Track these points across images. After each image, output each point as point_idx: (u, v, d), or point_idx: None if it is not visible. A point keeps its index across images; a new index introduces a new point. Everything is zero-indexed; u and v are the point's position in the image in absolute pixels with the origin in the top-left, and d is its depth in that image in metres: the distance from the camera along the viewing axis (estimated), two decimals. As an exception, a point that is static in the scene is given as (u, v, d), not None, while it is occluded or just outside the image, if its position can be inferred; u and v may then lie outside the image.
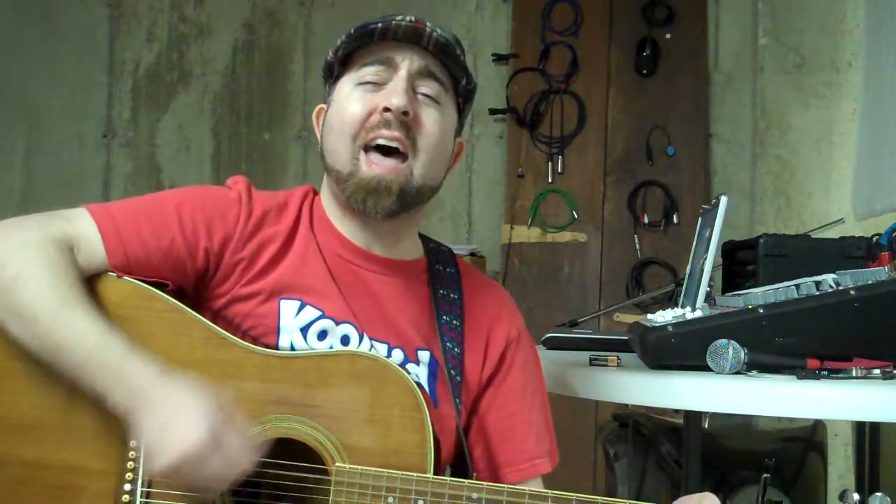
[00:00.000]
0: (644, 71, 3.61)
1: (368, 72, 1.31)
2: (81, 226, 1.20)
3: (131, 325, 1.19)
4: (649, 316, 1.69)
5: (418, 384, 1.24)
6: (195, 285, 1.25)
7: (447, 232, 3.72)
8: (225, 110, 4.10)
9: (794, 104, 3.50)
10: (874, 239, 1.90)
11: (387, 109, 1.25)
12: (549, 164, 3.65)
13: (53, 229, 1.18)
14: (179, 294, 1.25)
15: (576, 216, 3.61)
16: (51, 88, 4.13)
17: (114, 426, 1.15)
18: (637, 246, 3.56)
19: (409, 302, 1.32)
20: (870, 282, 1.54)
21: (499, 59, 3.80)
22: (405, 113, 1.25)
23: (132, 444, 1.16)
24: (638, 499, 2.28)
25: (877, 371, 1.45)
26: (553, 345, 2.05)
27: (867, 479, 2.41)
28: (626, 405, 2.49)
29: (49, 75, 4.12)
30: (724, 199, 1.75)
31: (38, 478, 1.17)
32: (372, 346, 1.27)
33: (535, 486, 1.32)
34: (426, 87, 1.29)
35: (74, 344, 1.12)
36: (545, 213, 3.64)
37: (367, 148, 1.26)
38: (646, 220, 3.57)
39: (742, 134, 3.64)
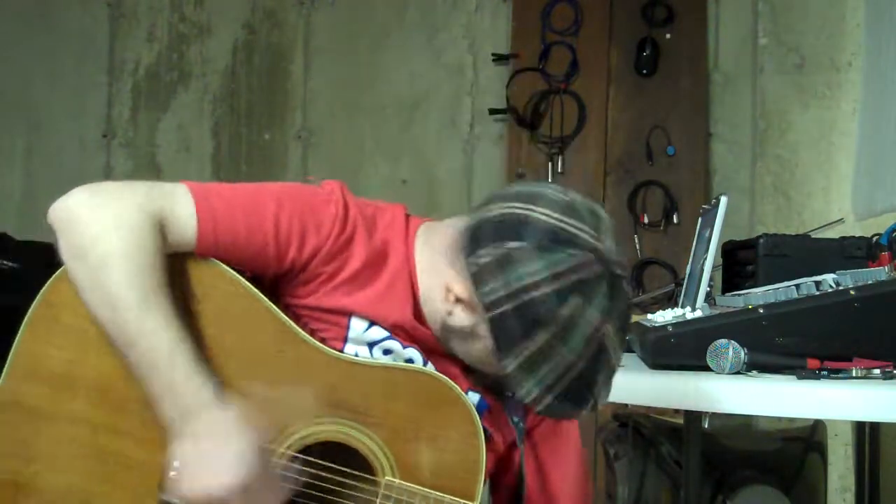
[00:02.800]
0: (644, 71, 3.60)
1: None
2: (180, 206, 1.18)
3: (208, 305, 1.19)
4: (649, 316, 1.69)
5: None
6: (273, 280, 1.25)
7: (447, 232, 3.71)
8: (225, 110, 4.10)
9: (794, 104, 3.50)
10: (874, 239, 1.90)
11: None
12: (549, 164, 3.65)
13: (151, 207, 1.16)
14: (255, 280, 1.24)
15: (576, 216, 3.61)
16: (51, 88, 4.13)
17: None
18: (637, 246, 3.56)
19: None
20: (870, 282, 1.54)
21: (499, 59, 3.80)
22: None
23: None
24: (638, 499, 2.28)
25: (877, 371, 1.45)
26: (553, 345, 2.04)
27: (867, 479, 2.41)
28: (626, 405, 2.49)
29: (49, 75, 4.12)
30: (724, 199, 1.75)
31: (87, 438, 1.17)
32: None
33: None
34: None
35: (145, 344, 1.12)
36: (545, 213, 3.63)
37: None
38: (646, 220, 3.56)
39: (742, 134, 3.64)
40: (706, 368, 1.49)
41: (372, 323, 1.24)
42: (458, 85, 3.86)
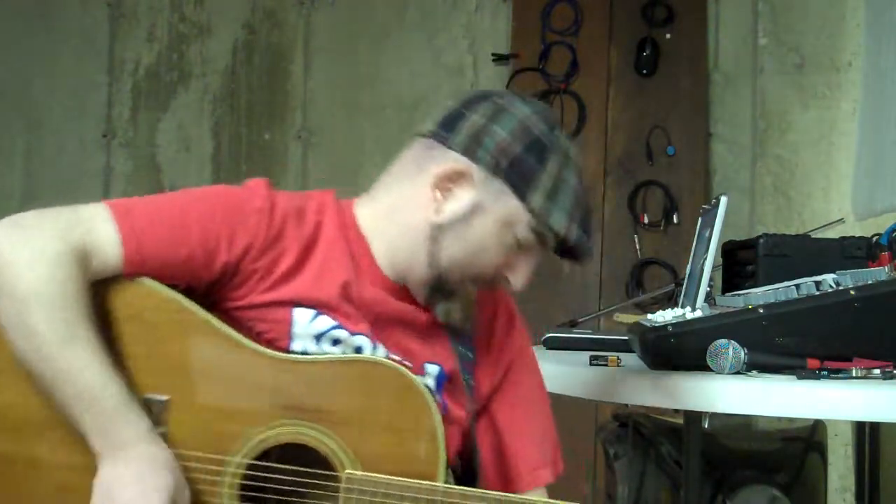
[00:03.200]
0: (644, 71, 3.60)
1: (526, 237, 1.25)
2: (102, 232, 1.16)
3: (143, 326, 1.18)
4: (649, 316, 1.69)
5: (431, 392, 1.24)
6: (207, 288, 1.24)
7: (447, 232, 3.71)
8: (225, 110, 4.10)
9: (794, 104, 3.50)
10: (874, 239, 1.90)
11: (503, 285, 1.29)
12: (549, 164, 3.64)
13: (72, 237, 1.14)
14: (189, 291, 1.24)
15: (576, 216, 3.61)
16: (51, 88, 4.13)
17: None
18: (637, 246, 3.56)
19: (420, 314, 1.31)
20: (870, 282, 1.54)
21: (499, 59, 3.80)
22: None
23: None
24: (638, 499, 2.28)
25: (877, 371, 1.45)
26: (553, 345, 2.05)
27: (867, 479, 2.41)
28: (626, 405, 2.49)
29: (49, 75, 4.12)
30: (724, 199, 1.75)
31: (43, 476, 1.16)
32: (387, 355, 1.26)
33: (539, 496, 1.32)
34: None
35: (72, 382, 1.11)
36: (545, 213, 3.63)
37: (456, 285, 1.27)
38: (646, 220, 3.56)
39: (742, 134, 3.64)
40: (706, 368, 1.49)
41: (318, 312, 1.23)
42: (458, 85, 3.86)
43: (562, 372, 1.69)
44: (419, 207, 1.25)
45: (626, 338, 1.79)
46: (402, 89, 3.95)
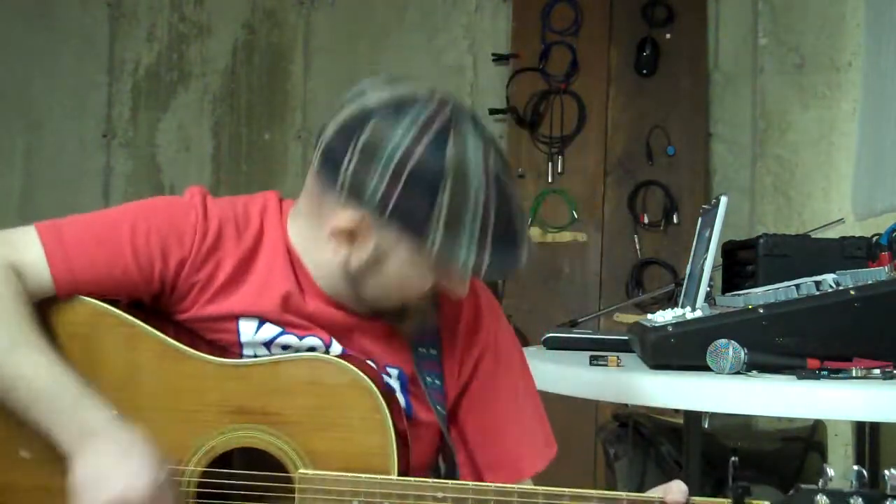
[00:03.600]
0: (644, 71, 3.60)
1: (439, 272, 1.18)
2: (28, 253, 1.17)
3: (85, 344, 1.18)
4: (649, 316, 1.69)
5: (389, 388, 1.22)
6: (152, 301, 1.23)
7: (447, 232, 3.71)
8: (225, 110, 4.10)
9: (794, 104, 3.50)
10: (874, 239, 1.90)
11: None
12: (549, 164, 3.64)
13: (2, 258, 1.15)
14: (136, 306, 1.23)
15: (576, 216, 3.61)
16: (51, 88, 4.13)
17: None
18: (637, 246, 3.56)
19: (370, 321, 1.28)
20: (870, 282, 1.54)
21: (499, 59, 3.80)
22: None
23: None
24: (638, 499, 2.28)
25: (877, 371, 1.45)
26: (553, 345, 2.05)
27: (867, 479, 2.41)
28: (626, 405, 2.49)
29: (49, 75, 4.12)
30: (724, 199, 1.75)
31: (14, 501, 1.16)
32: (343, 351, 1.24)
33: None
34: None
35: (26, 383, 1.11)
36: (545, 213, 3.63)
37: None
38: (646, 220, 3.56)
39: (742, 134, 3.63)
40: (706, 368, 1.49)
41: (261, 321, 1.22)
42: (458, 85, 3.86)
43: (562, 372, 1.68)
44: (329, 252, 1.19)
45: (626, 338, 1.79)
46: (402, 89, 3.94)
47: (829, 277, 1.57)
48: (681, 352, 1.53)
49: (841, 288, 1.53)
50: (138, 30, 4.14)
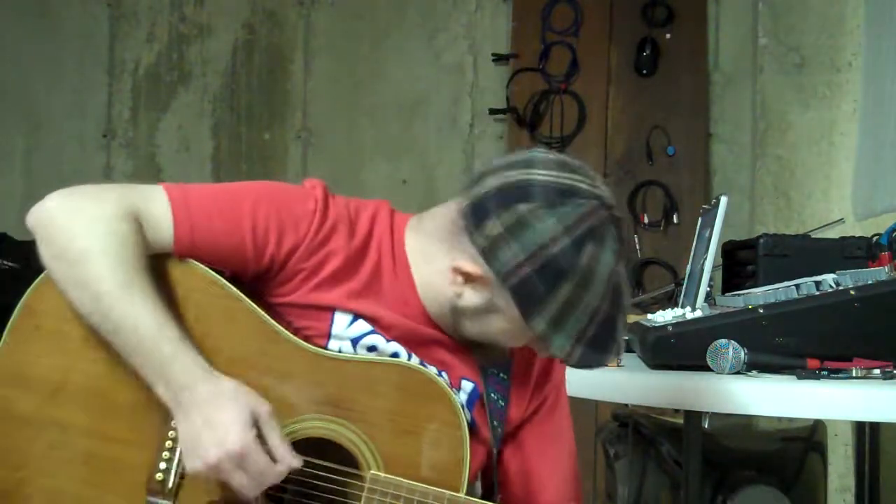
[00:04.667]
0: (644, 71, 3.61)
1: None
2: (156, 206, 1.20)
3: (188, 307, 1.19)
4: (649, 316, 1.69)
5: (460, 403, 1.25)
6: (253, 279, 1.25)
7: (447, 232, 3.71)
8: (225, 110, 4.10)
9: (794, 104, 3.49)
10: (874, 239, 1.90)
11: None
12: (549, 164, 3.64)
13: (127, 203, 1.18)
14: (236, 280, 1.25)
15: (576, 216, 3.61)
16: (51, 88, 4.13)
17: (157, 402, 1.16)
18: (637, 246, 3.56)
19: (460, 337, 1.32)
20: (870, 282, 1.54)
21: (499, 59, 3.80)
22: None
23: (172, 423, 1.17)
24: (638, 499, 2.28)
25: (877, 371, 1.45)
26: (553, 345, 2.04)
27: (867, 479, 2.41)
28: (626, 405, 2.49)
29: (49, 75, 4.12)
30: (724, 200, 1.76)
31: (75, 443, 1.17)
32: (421, 363, 1.27)
33: None
34: None
35: (131, 327, 1.14)
36: (545, 213, 3.63)
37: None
38: (646, 220, 3.57)
39: (742, 134, 3.64)
40: (706, 368, 1.49)
41: (356, 317, 1.24)
42: (458, 85, 3.86)
43: (562, 372, 1.68)
44: (445, 279, 1.23)
45: (626, 338, 1.79)
46: (402, 89, 3.95)
47: (829, 277, 1.57)
48: (681, 352, 1.53)
49: (841, 288, 1.53)
50: (138, 30, 4.14)
